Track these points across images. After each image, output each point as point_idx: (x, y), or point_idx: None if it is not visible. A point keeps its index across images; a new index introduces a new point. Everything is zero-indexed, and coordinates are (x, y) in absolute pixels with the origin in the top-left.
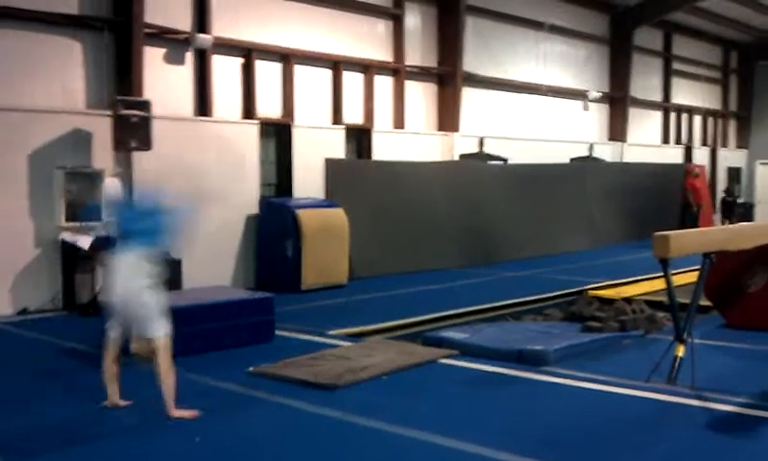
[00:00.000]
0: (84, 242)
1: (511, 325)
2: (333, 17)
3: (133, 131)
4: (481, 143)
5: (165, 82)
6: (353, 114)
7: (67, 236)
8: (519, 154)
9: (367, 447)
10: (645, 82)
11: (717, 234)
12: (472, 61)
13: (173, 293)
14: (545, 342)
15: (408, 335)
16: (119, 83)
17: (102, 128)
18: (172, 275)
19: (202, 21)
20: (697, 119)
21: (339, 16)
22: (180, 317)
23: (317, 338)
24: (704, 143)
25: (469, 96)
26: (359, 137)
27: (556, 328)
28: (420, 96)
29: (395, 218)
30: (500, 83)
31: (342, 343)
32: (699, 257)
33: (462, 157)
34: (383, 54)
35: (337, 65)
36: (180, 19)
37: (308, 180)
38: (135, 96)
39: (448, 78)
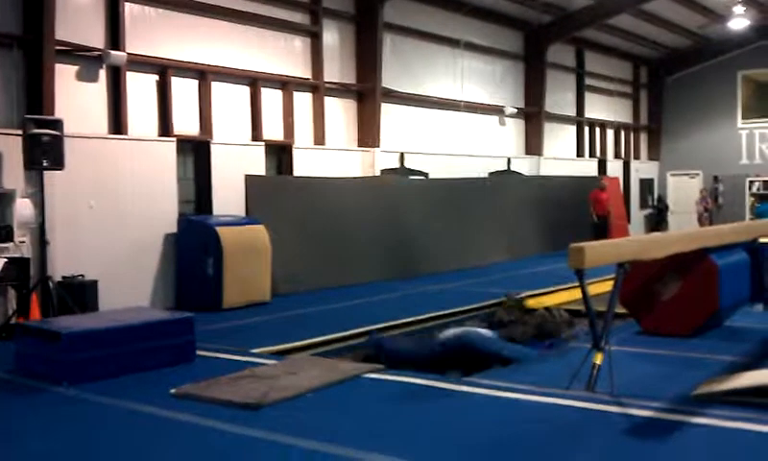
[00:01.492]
0: None
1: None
2: (250, 34)
3: (45, 150)
4: (402, 158)
5: (78, 100)
6: (273, 131)
7: None
8: (440, 168)
9: None
10: (559, 97)
11: (630, 245)
12: (391, 78)
13: (88, 315)
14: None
15: (333, 351)
16: (30, 101)
17: (12, 147)
18: (89, 296)
19: (115, 38)
20: (610, 133)
21: (256, 33)
22: (97, 340)
23: (240, 357)
24: (617, 156)
25: (389, 112)
26: (279, 154)
27: None
28: (340, 112)
29: (317, 234)
30: (419, 99)
31: (265, 361)
32: (614, 266)
33: (383, 172)
34: (301, 70)
35: (255, 82)
36: (93, 36)
37: (228, 197)
38: (47, 115)
39: (368, 94)
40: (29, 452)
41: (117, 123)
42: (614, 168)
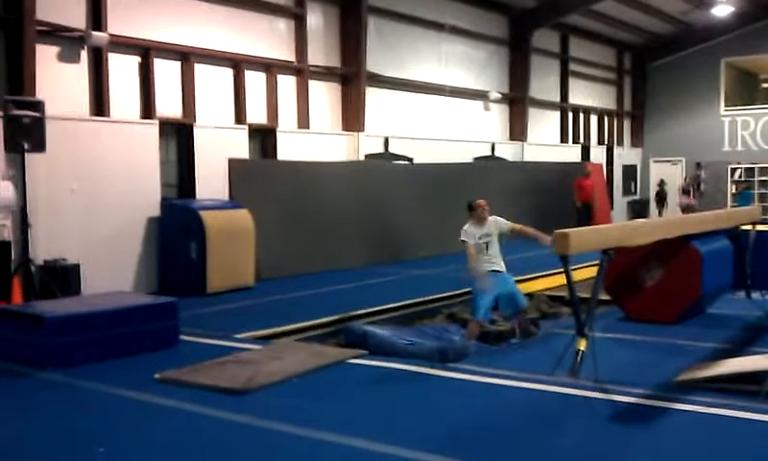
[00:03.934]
0: None
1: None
2: (233, 16)
3: (26, 132)
4: (386, 143)
5: (59, 81)
6: (257, 114)
7: None
8: (424, 153)
9: (277, 450)
10: (543, 83)
11: (615, 232)
12: (376, 62)
13: (71, 299)
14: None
15: (317, 336)
16: (10, 82)
17: None
18: (71, 280)
19: (97, 19)
20: (593, 119)
21: (239, 15)
22: (80, 324)
23: (224, 342)
24: (600, 142)
25: (374, 96)
26: (263, 137)
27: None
28: (325, 96)
29: (301, 218)
30: (404, 83)
31: (250, 346)
32: (596, 253)
33: (367, 156)
34: (285, 53)
35: (238, 64)
36: (75, 17)
37: (211, 180)
38: (28, 96)
39: (352, 78)
40: (13, 436)
41: (99, 105)
42: (597, 154)
